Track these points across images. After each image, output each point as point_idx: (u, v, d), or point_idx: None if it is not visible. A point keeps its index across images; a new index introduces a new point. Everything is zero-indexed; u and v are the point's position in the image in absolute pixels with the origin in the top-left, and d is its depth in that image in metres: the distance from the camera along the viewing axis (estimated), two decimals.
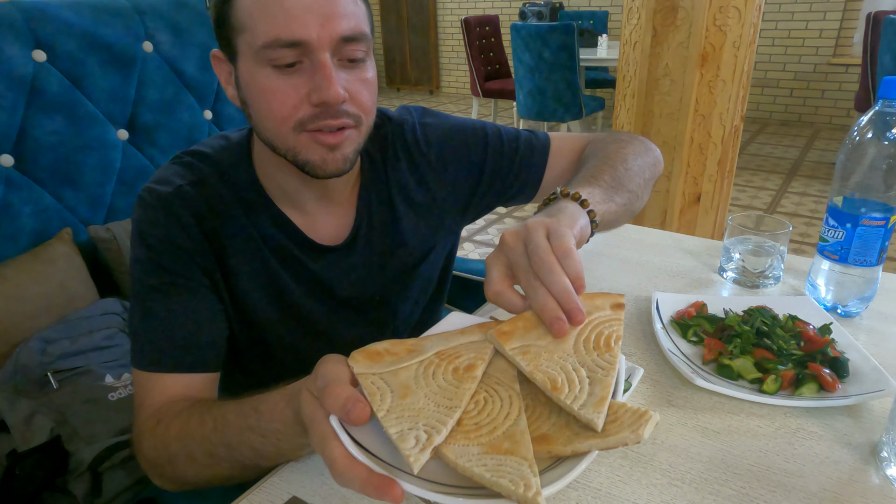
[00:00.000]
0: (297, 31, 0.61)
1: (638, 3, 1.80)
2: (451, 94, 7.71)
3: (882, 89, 0.75)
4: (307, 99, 0.64)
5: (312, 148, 0.67)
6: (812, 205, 3.54)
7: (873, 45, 3.64)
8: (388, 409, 0.42)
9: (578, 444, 0.39)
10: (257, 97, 0.66)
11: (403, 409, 0.42)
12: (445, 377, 0.45)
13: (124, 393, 0.98)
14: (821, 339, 0.73)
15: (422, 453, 0.38)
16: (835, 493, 0.56)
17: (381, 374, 0.46)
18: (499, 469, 0.38)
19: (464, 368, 0.46)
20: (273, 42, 0.61)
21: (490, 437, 0.41)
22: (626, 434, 0.39)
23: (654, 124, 1.90)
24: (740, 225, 0.93)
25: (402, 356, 0.48)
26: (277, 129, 0.66)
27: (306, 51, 0.63)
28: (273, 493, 0.58)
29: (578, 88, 3.97)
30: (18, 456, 0.90)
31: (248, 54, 0.64)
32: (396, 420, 0.41)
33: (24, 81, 1.06)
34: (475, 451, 0.40)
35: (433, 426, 0.41)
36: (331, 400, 0.43)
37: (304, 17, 0.61)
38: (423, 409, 0.42)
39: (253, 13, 0.62)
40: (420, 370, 0.46)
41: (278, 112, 0.65)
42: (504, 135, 0.89)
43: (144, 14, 1.22)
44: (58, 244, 1.11)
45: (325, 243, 0.79)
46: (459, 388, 0.44)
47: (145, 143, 1.25)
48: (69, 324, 1.04)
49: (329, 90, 0.63)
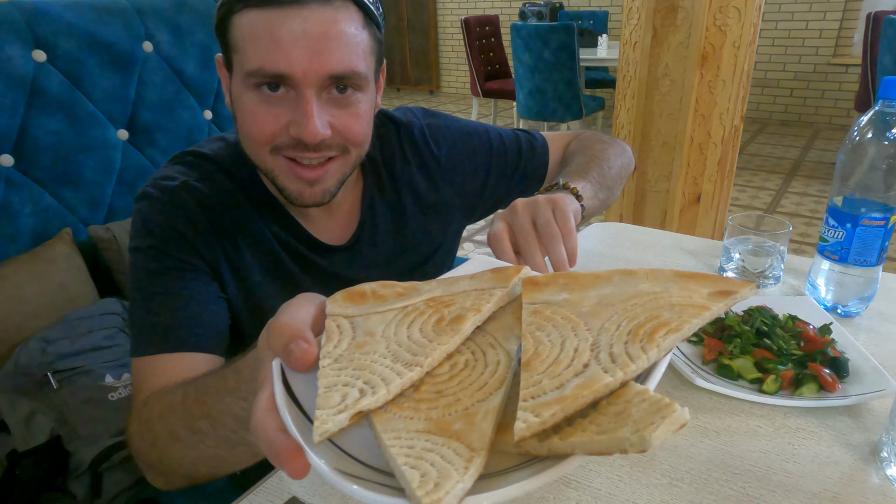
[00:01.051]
0: (281, 65, 0.61)
1: (638, 3, 1.80)
2: (451, 94, 7.71)
3: (882, 89, 0.75)
4: (286, 128, 0.64)
5: (290, 178, 0.67)
6: (812, 205, 3.54)
7: (873, 45, 3.64)
8: (335, 357, 0.34)
9: (559, 441, 0.27)
10: (241, 116, 0.67)
11: (352, 361, 0.34)
12: (423, 328, 0.36)
13: (124, 393, 0.98)
14: (821, 339, 0.73)
15: (336, 416, 0.30)
16: (835, 493, 0.56)
17: (352, 317, 0.38)
18: (422, 456, 0.28)
19: (450, 320, 0.37)
20: (257, 72, 0.62)
21: (445, 412, 0.31)
22: (625, 434, 0.26)
23: (654, 124, 1.90)
24: (740, 225, 0.93)
25: (389, 299, 0.40)
26: (255, 150, 0.68)
27: (291, 83, 0.63)
28: (273, 493, 0.58)
29: (578, 88, 3.97)
30: (18, 456, 0.90)
31: (238, 73, 0.65)
32: (336, 372, 0.33)
33: (24, 81, 1.06)
34: (415, 427, 0.30)
35: (373, 385, 0.32)
36: (274, 337, 0.36)
37: (292, 51, 0.61)
38: (374, 364, 0.33)
39: (245, 37, 0.63)
40: (398, 317, 0.38)
41: (257, 135, 0.66)
42: (506, 138, 0.92)
43: (144, 14, 1.22)
44: (58, 244, 1.11)
45: (331, 243, 0.80)
46: (432, 343, 0.35)
47: (145, 143, 1.25)
48: (69, 324, 1.04)
49: (307, 127, 0.62)
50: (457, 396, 0.32)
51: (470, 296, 0.39)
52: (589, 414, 0.28)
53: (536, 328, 0.35)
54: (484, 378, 0.33)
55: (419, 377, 0.33)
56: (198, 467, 0.57)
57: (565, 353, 0.32)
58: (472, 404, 0.31)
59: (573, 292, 0.38)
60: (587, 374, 0.30)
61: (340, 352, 0.34)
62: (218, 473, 0.58)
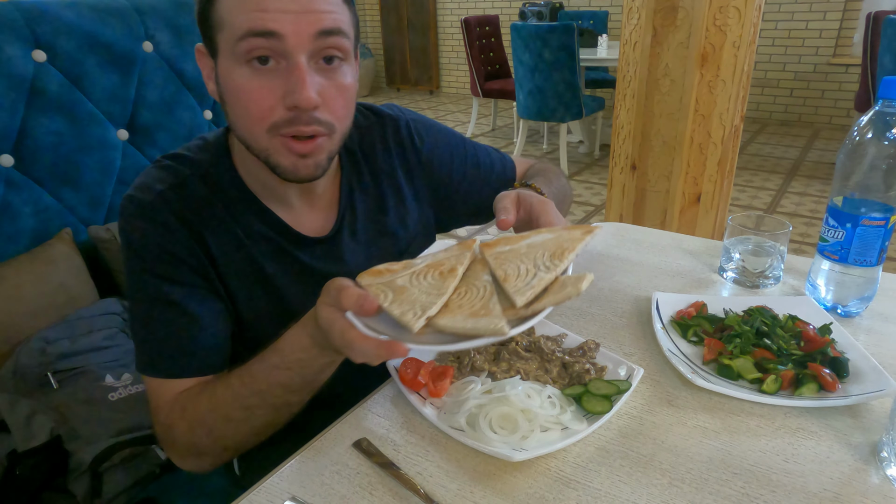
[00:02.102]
0: (269, 23, 0.62)
1: (638, 3, 1.80)
2: (451, 94, 7.71)
3: (882, 89, 0.75)
4: (281, 101, 0.65)
5: (283, 153, 0.68)
6: (812, 205, 3.54)
7: (873, 45, 3.64)
8: (390, 301, 0.56)
9: (536, 305, 0.54)
10: (233, 95, 0.66)
11: (402, 300, 0.56)
12: (433, 278, 0.59)
13: (124, 393, 0.98)
14: (821, 339, 0.73)
15: (419, 319, 0.52)
16: (835, 493, 0.56)
17: (382, 283, 0.59)
18: (478, 322, 0.52)
19: (447, 271, 0.60)
20: (246, 32, 0.62)
21: (470, 310, 0.54)
22: (569, 290, 0.53)
23: (654, 124, 1.90)
24: (740, 225, 0.93)
25: (399, 271, 0.61)
26: (251, 129, 0.67)
27: (281, 48, 0.63)
28: (273, 493, 0.58)
29: (578, 88, 3.97)
30: (18, 456, 0.90)
31: (227, 51, 0.65)
32: (398, 306, 0.55)
33: (24, 81, 1.06)
34: (460, 318, 0.53)
35: (425, 306, 0.54)
36: (345, 299, 0.54)
37: (280, 10, 0.62)
38: (417, 298, 0.56)
39: (231, 9, 0.63)
40: (413, 276, 0.60)
41: (254, 112, 0.66)
42: (481, 152, 0.98)
43: (144, 14, 1.22)
44: (58, 244, 1.11)
45: (312, 235, 0.80)
46: (444, 283, 0.58)
47: (145, 143, 1.25)
48: (69, 324, 1.04)
49: (301, 93, 0.63)
50: (472, 305, 0.55)
51: (451, 258, 0.62)
52: (546, 293, 0.54)
53: (500, 264, 0.60)
54: (480, 295, 0.57)
55: (447, 299, 0.56)
56: (248, 438, 0.70)
57: (522, 271, 0.58)
58: (482, 304, 0.55)
59: (510, 245, 0.63)
60: (538, 276, 0.56)
61: (391, 299, 0.56)
62: (261, 439, 0.71)
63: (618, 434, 0.64)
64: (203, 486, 0.94)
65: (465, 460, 0.61)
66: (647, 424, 0.65)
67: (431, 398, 0.68)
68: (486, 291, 0.57)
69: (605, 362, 0.71)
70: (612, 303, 0.90)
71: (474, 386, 0.68)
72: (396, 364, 0.71)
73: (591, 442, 0.63)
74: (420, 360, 0.71)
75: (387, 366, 0.71)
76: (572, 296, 0.53)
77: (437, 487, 0.58)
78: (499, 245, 0.64)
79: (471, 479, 0.59)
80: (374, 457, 0.61)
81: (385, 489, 0.58)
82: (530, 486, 0.58)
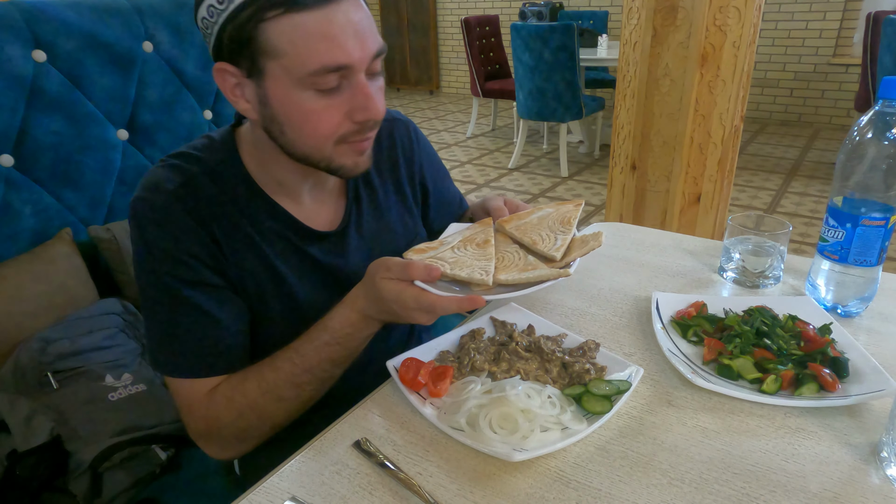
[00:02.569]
0: (341, 58, 0.64)
1: (638, 3, 1.80)
2: (451, 94, 7.71)
3: (882, 89, 0.75)
4: (347, 116, 0.68)
5: (348, 155, 0.72)
6: (812, 205, 3.54)
7: (873, 45, 3.64)
8: (450, 267, 0.71)
9: (568, 258, 0.74)
10: (298, 118, 0.68)
11: (461, 266, 0.71)
12: (473, 248, 0.77)
13: (124, 393, 0.98)
14: (821, 339, 0.73)
15: (489, 276, 0.69)
16: (835, 493, 0.56)
17: (431, 257, 0.74)
18: (539, 272, 0.69)
19: (482, 242, 0.78)
20: (320, 70, 0.64)
21: (519, 268, 0.72)
22: (592, 243, 0.74)
23: (654, 124, 1.90)
24: (740, 225, 0.93)
25: (438, 247, 0.78)
26: (318, 145, 0.70)
27: (347, 73, 0.66)
28: (273, 493, 0.58)
29: (578, 88, 3.97)
30: (18, 456, 0.90)
31: (285, 78, 0.65)
32: (460, 270, 0.70)
33: (24, 81, 1.06)
34: (515, 274, 0.70)
35: (484, 267, 0.71)
36: (413, 270, 0.67)
37: (347, 43, 0.64)
38: (472, 263, 0.72)
39: (295, 41, 0.63)
40: (453, 249, 0.76)
41: (324, 131, 0.69)
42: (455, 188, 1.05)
43: (144, 14, 1.22)
44: (58, 244, 1.11)
45: (320, 229, 0.81)
46: (486, 251, 0.76)
47: (145, 143, 1.25)
48: (69, 324, 1.04)
49: (374, 109, 0.68)
50: (514, 265, 0.74)
51: (478, 233, 0.81)
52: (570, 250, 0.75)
53: (523, 234, 0.80)
54: (516, 258, 0.76)
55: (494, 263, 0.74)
56: (295, 414, 0.75)
57: (544, 236, 0.78)
58: (525, 264, 0.73)
59: (522, 220, 0.84)
60: (560, 238, 0.77)
61: (449, 266, 0.71)
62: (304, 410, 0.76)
63: (618, 434, 0.64)
64: (203, 486, 0.94)
65: (464, 460, 0.61)
66: (646, 424, 0.65)
67: (431, 398, 0.68)
68: (521, 255, 0.76)
69: (605, 362, 0.71)
70: (612, 303, 0.90)
71: (474, 386, 0.68)
72: (396, 364, 0.71)
73: (591, 442, 0.63)
74: (420, 360, 0.71)
75: (387, 366, 0.71)
76: (595, 248, 0.75)
77: (437, 487, 0.58)
78: (512, 221, 0.84)
79: (471, 479, 0.59)
80: (374, 457, 0.61)
81: (385, 489, 0.58)
82: (530, 486, 0.58)
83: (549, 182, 4.18)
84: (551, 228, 0.80)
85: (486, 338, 0.78)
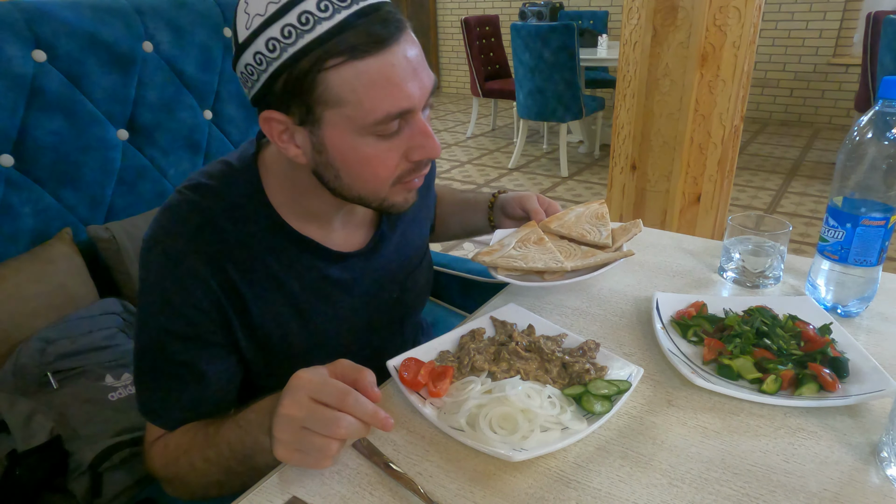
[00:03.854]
0: (404, 103, 0.62)
1: (638, 3, 1.80)
2: (451, 94, 7.71)
3: (882, 89, 0.75)
4: (405, 157, 0.67)
5: (400, 193, 0.70)
6: (812, 205, 3.54)
7: (873, 45, 3.64)
8: (525, 262, 0.84)
9: (617, 244, 0.89)
10: (358, 164, 0.66)
11: (533, 260, 0.85)
12: (532, 245, 0.89)
13: (124, 393, 0.98)
14: (821, 339, 0.73)
15: (563, 263, 0.84)
16: (835, 493, 0.56)
17: (501, 256, 0.86)
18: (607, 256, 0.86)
19: (537, 240, 0.90)
20: (385, 118, 0.62)
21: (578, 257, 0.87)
22: (634, 230, 0.92)
23: (654, 124, 1.90)
24: (740, 225, 0.93)
25: (501, 249, 0.89)
26: (376, 188, 0.68)
27: (407, 115, 0.64)
28: (273, 493, 0.58)
29: (578, 88, 3.97)
30: (18, 456, 0.90)
31: (346, 126, 0.62)
32: (535, 263, 0.84)
33: (24, 81, 1.06)
34: (581, 261, 0.85)
35: (554, 258, 0.85)
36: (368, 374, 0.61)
37: (408, 86, 0.62)
38: (540, 257, 0.85)
39: (357, 89, 0.60)
40: (516, 248, 0.88)
41: (383, 174, 0.67)
42: None
43: (144, 14, 1.22)
44: (58, 244, 1.11)
45: (351, 251, 0.80)
46: (545, 247, 0.88)
47: (145, 143, 1.25)
48: (69, 324, 1.04)
49: (434, 148, 0.66)
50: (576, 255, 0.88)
51: (529, 234, 0.92)
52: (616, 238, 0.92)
53: (570, 231, 0.92)
54: (573, 250, 0.89)
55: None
56: (208, 490, 0.71)
57: (589, 230, 0.93)
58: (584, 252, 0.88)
59: (561, 220, 0.96)
60: (603, 230, 0.93)
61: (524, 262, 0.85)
62: (223, 494, 0.70)
63: (618, 434, 0.64)
64: None
65: (464, 460, 0.61)
66: (646, 424, 0.65)
67: (431, 398, 0.68)
68: (575, 247, 0.90)
69: (605, 362, 0.71)
70: (611, 303, 0.90)
71: (474, 386, 0.68)
72: (396, 364, 0.71)
73: (591, 442, 0.63)
74: (420, 360, 0.71)
75: (387, 366, 0.71)
76: (637, 234, 0.92)
77: (437, 487, 0.58)
78: (554, 221, 0.96)
79: (470, 479, 0.59)
80: (374, 457, 0.61)
81: (385, 489, 0.58)
82: (530, 486, 0.58)
83: (549, 182, 4.18)
84: (591, 223, 0.94)
85: (486, 338, 0.78)
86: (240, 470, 0.66)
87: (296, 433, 0.56)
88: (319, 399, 0.57)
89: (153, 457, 0.74)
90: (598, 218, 0.96)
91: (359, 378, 0.59)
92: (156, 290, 0.69)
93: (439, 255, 1.42)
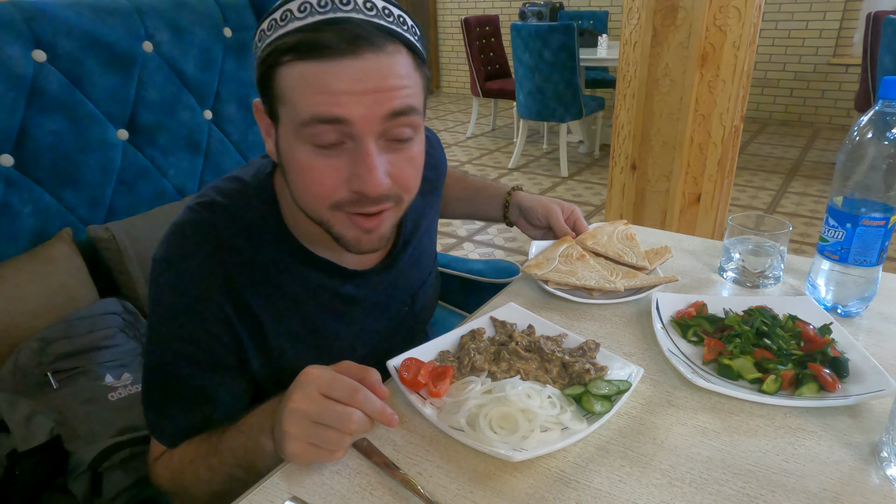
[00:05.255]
0: (335, 110, 0.57)
1: (638, 3, 1.80)
2: (451, 94, 7.71)
3: (882, 89, 0.75)
4: (346, 182, 0.61)
5: (347, 226, 0.65)
6: (812, 205, 3.54)
7: (873, 45, 3.64)
8: (577, 279, 0.89)
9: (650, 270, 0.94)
10: (296, 172, 0.63)
11: (585, 277, 0.90)
12: (576, 261, 0.94)
13: (124, 393, 0.98)
14: (821, 339, 0.73)
15: (614, 284, 0.88)
16: (835, 493, 0.56)
17: (551, 271, 0.91)
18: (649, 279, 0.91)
19: (578, 256, 0.95)
20: (311, 118, 0.58)
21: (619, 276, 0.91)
22: (667, 255, 0.97)
23: (654, 124, 1.90)
24: (740, 225, 0.93)
25: (545, 264, 0.93)
26: (314, 205, 0.64)
27: (350, 131, 0.59)
28: (273, 493, 0.58)
29: (578, 88, 3.97)
30: (18, 456, 0.90)
31: (289, 126, 0.61)
32: (587, 281, 0.89)
33: (24, 81, 1.06)
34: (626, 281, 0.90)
35: (604, 276, 0.90)
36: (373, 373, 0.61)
37: (346, 100, 0.57)
38: (588, 275, 0.90)
39: (295, 88, 0.58)
40: (561, 265, 0.93)
41: (316, 191, 0.62)
42: None
43: (144, 14, 1.22)
44: (58, 244, 1.11)
45: (366, 268, 0.79)
46: (588, 264, 0.93)
47: (145, 143, 1.25)
48: (69, 324, 1.04)
49: (369, 182, 0.60)
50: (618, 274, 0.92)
51: (569, 250, 0.96)
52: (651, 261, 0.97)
53: (606, 250, 0.97)
54: (613, 269, 0.94)
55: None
56: (212, 499, 0.70)
57: (622, 249, 0.99)
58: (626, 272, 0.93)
59: (595, 238, 1.01)
60: (636, 251, 0.99)
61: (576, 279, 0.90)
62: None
63: (618, 434, 0.64)
64: None
65: (464, 460, 0.61)
66: (646, 424, 0.65)
67: (431, 398, 0.68)
68: (613, 266, 0.94)
69: (605, 362, 0.71)
70: (612, 303, 0.90)
71: (474, 386, 0.68)
72: (396, 364, 0.71)
73: (591, 442, 0.63)
74: (420, 360, 0.71)
75: (387, 366, 0.71)
76: (669, 258, 0.98)
77: (437, 487, 0.58)
78: (588, 239, 1.00)
79: (470, 479, 0.59)
80: (374, 457, 0.61)
81: (385, 489, 0.58)
82: (530, 486, 0.58)
83: (549, 182, 4.18)
84: (622, 243, 1.00)
85: (486, 338, 0.78)
86: (242, 477, 0.65)
87: (308, 427, 0.57)
88: (330, 395, 0.57)
89: (159, 472, 0.74)
90: (629, 239, 1.02)
91: (365, 377, 0.60)
92: (168, 313, 0.68)
93: (439, 255, 1.42)
